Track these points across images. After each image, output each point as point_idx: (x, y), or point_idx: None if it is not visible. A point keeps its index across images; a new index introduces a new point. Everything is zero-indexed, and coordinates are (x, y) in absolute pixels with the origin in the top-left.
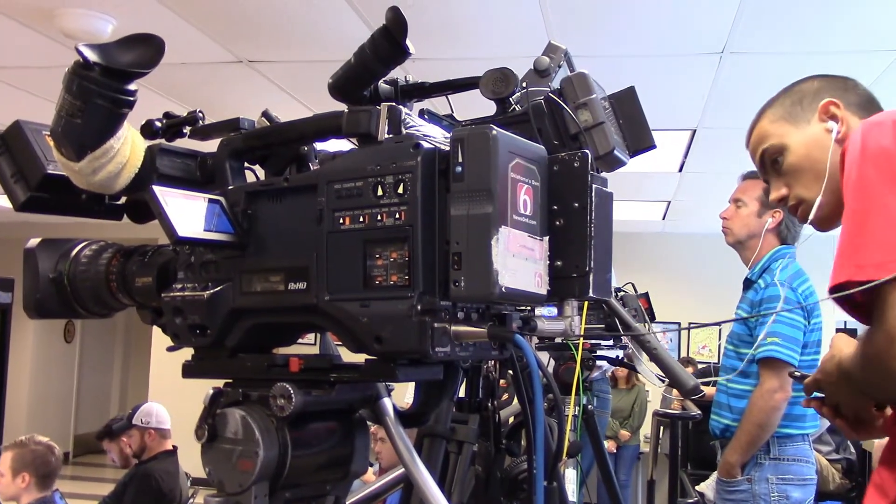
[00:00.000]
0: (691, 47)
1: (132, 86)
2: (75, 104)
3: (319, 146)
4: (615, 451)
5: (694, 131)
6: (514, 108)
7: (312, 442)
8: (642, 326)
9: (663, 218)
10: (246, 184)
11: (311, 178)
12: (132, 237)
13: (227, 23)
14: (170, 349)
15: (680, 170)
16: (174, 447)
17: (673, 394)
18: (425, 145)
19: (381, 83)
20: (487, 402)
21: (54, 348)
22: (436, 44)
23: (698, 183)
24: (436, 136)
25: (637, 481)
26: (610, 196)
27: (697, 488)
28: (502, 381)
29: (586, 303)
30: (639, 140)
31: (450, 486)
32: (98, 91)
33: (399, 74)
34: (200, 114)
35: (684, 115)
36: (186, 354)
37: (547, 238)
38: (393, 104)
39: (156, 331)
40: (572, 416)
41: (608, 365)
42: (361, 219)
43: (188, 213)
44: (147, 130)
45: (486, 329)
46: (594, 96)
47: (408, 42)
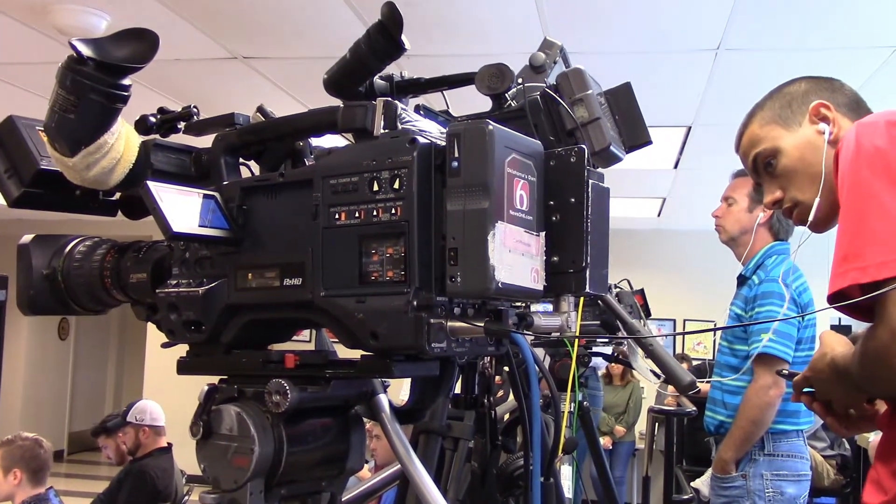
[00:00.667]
0: (687, 44)
1: (126, 81)
2: (69, 99)
3: (315, 142)
4: (611, 448)
5: (689, 128)
6: (510, 104)
7: (308, 438)
8: (638, 323)
9: (658, 215)
10: (241, 179)
11: (307, 174)
12: (126, 234)
13: (222, 19)
14: (164, 345)
15: (675, 166)
16: (169, 444)
17: (668, 390)
18: (421, 140)
19: (377, 79)
20: (483, 399)
21: (49, 346)
22: (431, 40)
23: (693, 179)
24: (432, 132)
25: (632, 478)
26: (606, 191)
27: (692, 485)
28: (497, 378)
29: (582, 299)
30: (635, 136)
31: (445, 483)
32: (92, 86)
33: (394, 71)
34: (195, 109)
35: (679, 112)
36: (181, 351)
37: (543, 233)
38: (389, 99)
39: (150, 328)
40: (568, 413)
41: (600, 362)
42: (357, 214)
43: (183, 209)
44: (141, 126)
45: (483, 325)
46: (590, 92)
47: (403, 38)
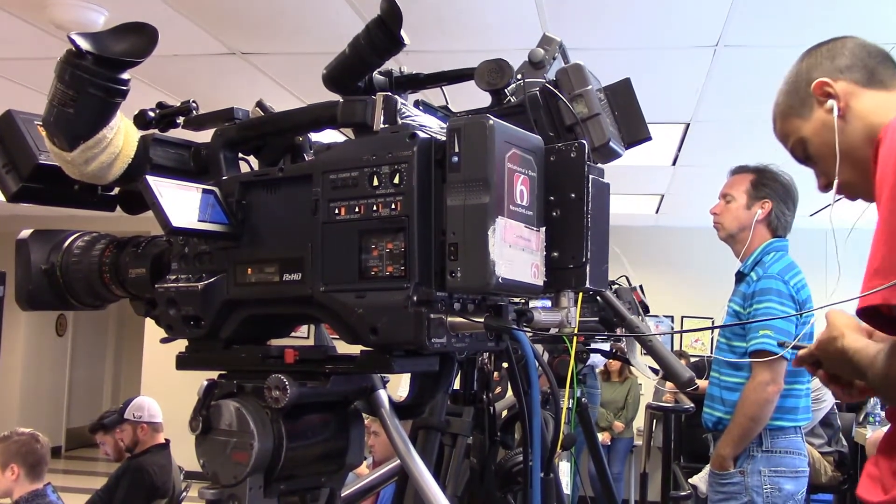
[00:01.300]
0: (685, 40)
1: (125, 75)
2: (68, 93)
3: (314, 138)
4: (609, 444)
5: (688, 125)
6: (510, 100)
7: (307, 434)
8: (637, 319)
9: (657, 211)
10: (240, 174)
11: (307, 169)
12: (124, 230)
13: (220, 14)
14: (163, 341)
15: (673, 163)
16: (167, 440)
17: (666, 386)
18: (421, 135)
19: (376, 74)
20: (482, 395)
21: (46, 342)
22: (429, 36)
23: (692, 176)
24: (432, 126)
25: (630, 474)
26: (607, 187)
27: (690, 481)
28: (495, 374)
29: (581, 295)
30: (634, 132)
31: (444, 479)
32: (91, 80)
33: (393, 66)
34: (194, 104)
35: (678, 109)
36: (179, 347)
37: (543, 229)
38: (389, 94)
39: (148, 324)
40: (566, 409)
41: (599, 359)
42: (357, 209)
43: (182, 204)
44: (140, 120)
45: (483, 320)
46: (590, 88)
47: (402, 33)
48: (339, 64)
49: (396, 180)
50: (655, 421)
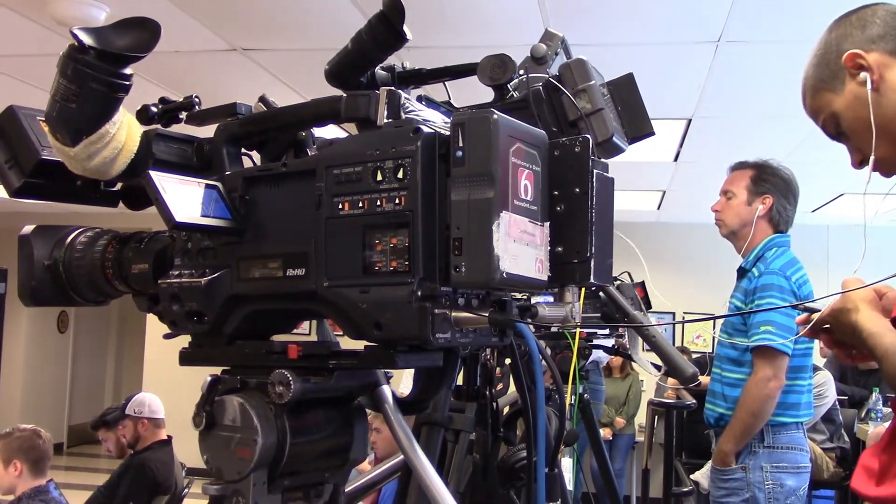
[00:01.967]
0: (687, 36)
1: (128, 70)
2: (70, 88)
3: (317, 133)
4: (611, 439)
5: (689, 121)
6: (512, 95)
7: (311, 429)
8: (640, 315)
9: (658, 207)
10: (243, 169)
11: (310, 164)
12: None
13: (221, 10)
14: (167, 336)
15: (675, 159)
16: (169, 437)
17: (668, 382)
18: (425, 130)
19: (378, 69)
20: (485, 391)
21: (48, 338)
22: (431, 32)
23: (693, 172)
24: (435, 121)
25: (632, 470)
26: (611, 181)
27: (692, 477)
28: (497, 370)
29: (583, 291)
30: (637, 127)
31: (447, 475)
32: (93, 75)
33: (395, 62)
34: (197, 99)
35: (680, 105)
36: (180, 344)
37: (548, 223)
38: (392, 88)
39: (150, 320)
40: (568, 405)
41: (603, 355)
42: (361, 204)
43: (185, 199)
44: (143, 116)
45: (488, 315)
46: (593, 83)
47: (405, 28)
48: (342, 59)
49: (400, 175)
50: (657, 417)
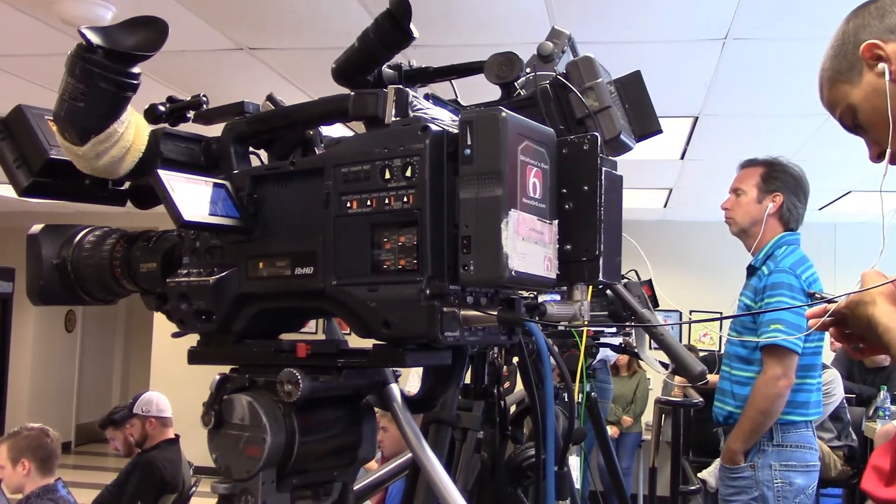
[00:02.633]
0: (694, 33)
1: (136, 69)
2: (78, 87)
3: (324, 132)
4: (617, 438)
5: (696, 118)
6: (519, 93)
7: (320, 428)
8: (647, 313)
9: (665, 205)
10: (251, 168)
11: (318, 162)
12: (135, 225)
13: (228, 10)
14: (175, 335)
15: (682, 157)
16: (176, 435)
17: (675, 381)
18: (433, 128)
19: (385, 68)
20: (493, 389)
21: (55, 338)
22: (438, 30)
23: (700, 170)
24: (443, 119)
25: (639, 469)
26: (619, 179)
27: (699, 475)
28: (504, 369)
29: (590, 289)
30: (645, 125)
31: (455, 473)
32: (101, 74)
33: (401, 60)
34: (204, 98)
35: (686, 102)
36: (188, 343)
37: (556, 221)
38: (400, 86)
39: (157, 319)
40: (576, 404)
41: (611, 355)
42: (369, 202)
43: (193, 198)
44: (151, 115)
45: (496, 314)
46: (600, 80)
47: (412, 26)
48: (349, 58)
49: (408, 173)
50: (664, 415)
